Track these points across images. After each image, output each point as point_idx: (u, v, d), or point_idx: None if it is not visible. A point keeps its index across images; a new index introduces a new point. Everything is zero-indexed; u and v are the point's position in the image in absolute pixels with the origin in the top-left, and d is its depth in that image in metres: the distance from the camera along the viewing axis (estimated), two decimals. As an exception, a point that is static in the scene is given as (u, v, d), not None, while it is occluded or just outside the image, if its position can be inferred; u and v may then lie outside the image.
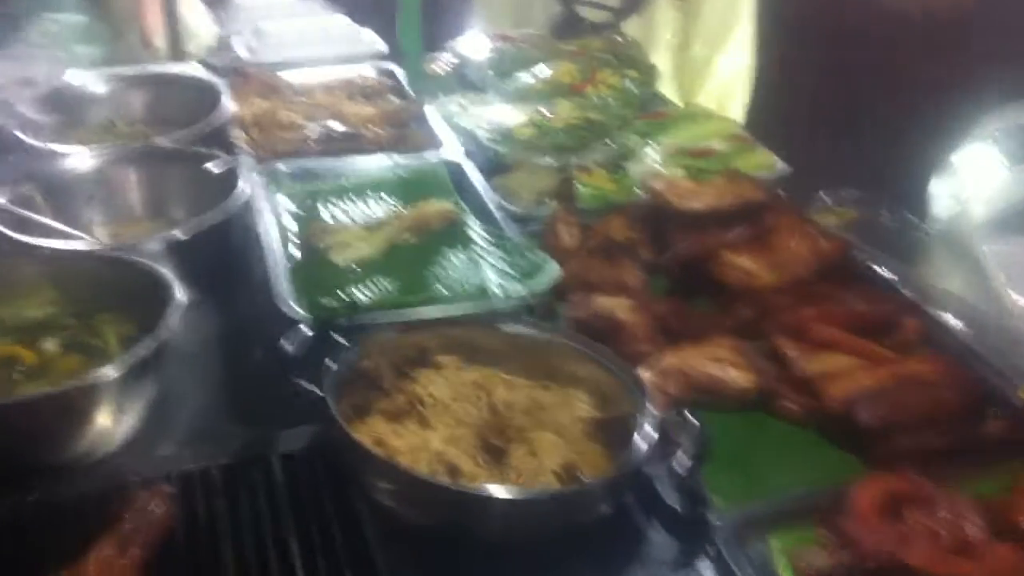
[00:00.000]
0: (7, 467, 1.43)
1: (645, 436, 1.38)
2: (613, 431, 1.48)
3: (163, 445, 1.57)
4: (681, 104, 3.08)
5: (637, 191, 2.29)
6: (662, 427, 1.45)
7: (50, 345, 1.63)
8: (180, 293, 1.68)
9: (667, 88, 3.26)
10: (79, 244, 1.90)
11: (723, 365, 1.65)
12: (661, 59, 3.30)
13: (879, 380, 1.58)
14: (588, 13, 3.25)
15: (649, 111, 2.79)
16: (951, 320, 1.85)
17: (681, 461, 1.36)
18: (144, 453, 1.55)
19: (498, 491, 1.27)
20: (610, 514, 1.37)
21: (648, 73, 3.02)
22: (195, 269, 1.85)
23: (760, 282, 1.90)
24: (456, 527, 1.30)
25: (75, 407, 1.45)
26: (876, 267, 2.00)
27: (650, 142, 2.54)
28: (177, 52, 4.14)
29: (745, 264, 1.91)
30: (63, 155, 2.19)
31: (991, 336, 1.80)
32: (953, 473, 1.45)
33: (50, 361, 1.61)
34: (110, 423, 1.50)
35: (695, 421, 1.40)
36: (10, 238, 1.83)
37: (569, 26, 3.28)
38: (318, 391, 1.37)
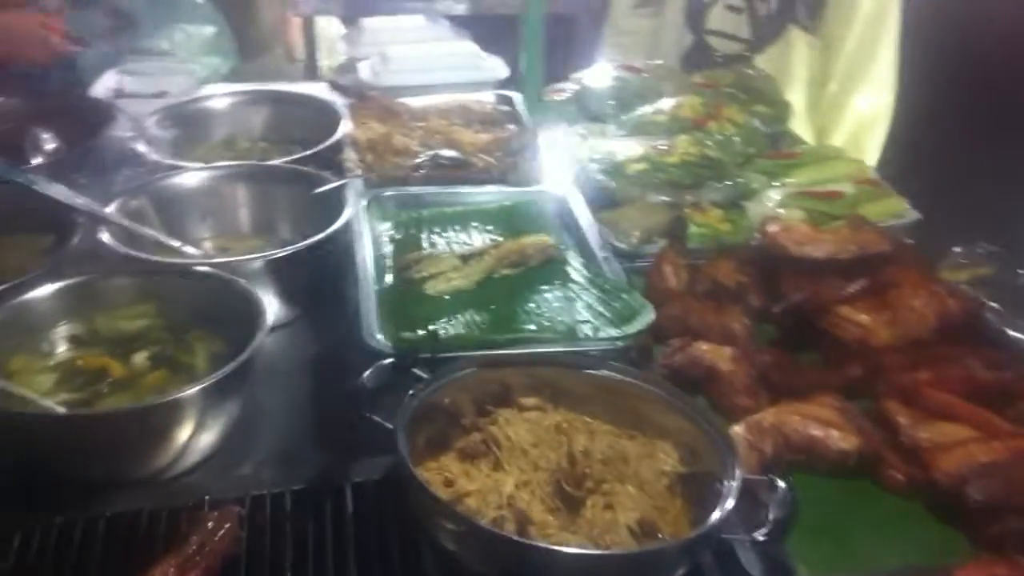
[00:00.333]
0: (84, 479, 1.47)
1: (728, 497, 1.32)
2: (698, 488, 1.43)
3: (241, 466, 1.60)
4: (814, 144, 3.00)
5: (754, 233, 2.23)
6: (749, 489, 1.39)
7: (140, 359, 1.68)
8: (269, 316, 1.72)
9: (801, 126, 3.18)
10: (180, 260, 1.95)
11: (825, 426, 1.58)
12: (795, 95, 3.22)
13: (995, 455, 1.48)
14: (719, 44, 3.19)
15: (777, 150, 2.72)
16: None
17: (765, 527, 1.30)
18: (221, 472, 1.58)
19: (559, 547, 1.24)
20: (685, 577, 1.32)
21: (779, 110, 2.96)
22: (291, 289, 1.91)
23: (875, 339, 1.81)
24: (511, 576, 1.27)
25: (154, 423, 1.48)
26: (1008, 330, 1.89)
27: (774, 183, 2.47)
28: (312, 70, 4.29)
29: (861, 319, 1.82)
30: (177, 170, 2.26)
31: None
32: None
33: (138, 375, 1.66)
34: (189, 441, 1.53)
35: (783, 485, 1.33)
36: (116, 250, 1.89)
37: (700, 57, 3.23)
38: (389, 425, 1.36)
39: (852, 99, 3.12)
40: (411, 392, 1.43)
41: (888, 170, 3.00)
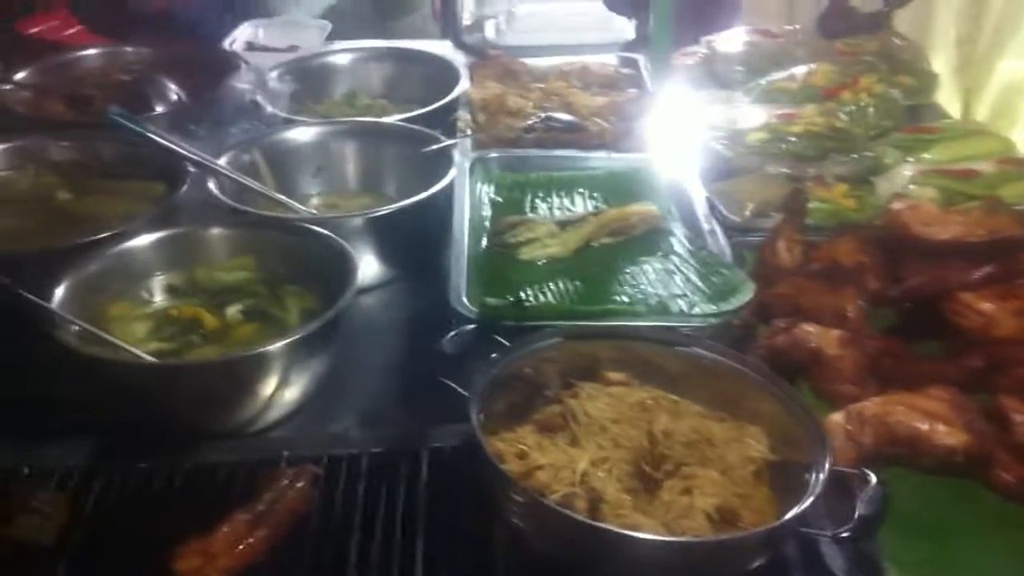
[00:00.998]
0: (168, 429, 1.51)
1: (814, 490, 1.26)
2: (787, 478, 1.37)
3: (324, 424, 1.62)
4: (959, 115, 2.84)
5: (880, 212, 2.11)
6: (841, 482, 1.33)
7: (233, 311, 1.71)
8: (364, 275, 1.73)
9: (945, 92, 3.00)
10: (280, 214, 1.98)
11: (932, 419, 1.49)
12: (940, 57, 3.02)
13: (1118, 463, 1.37)
14: (858, 2, 3.03)
15: (918, 124, 2.58)
16: None
17: (850, 523, 1.23)
18: (303, 430, 1.60)
19: (623, 530, 1.20)
20: (763, 570, 1.26)
21: (924, 81, 2.80)
22: (390, 250, 1.91)
23: (1000, 331, 1.69)
24: (583, 561, 1.24)
25: (237, 376, 1.51)
26: None
27: (909, 158, 2.35)
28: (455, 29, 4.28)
29: (984, 307, 1.70)
30: (290, 125, 2.29)
31: None
32: None
33: (230, 327, 1.69)
34: (272, 396, 1.55)
35: (875, 480, 1.26)
36: (222, 202, 1.92)
37: (838, 18, 3.07)
38: (465, 392, 1.35)
39: (1000, 62, 2.91)
40: (490, 359, 1.41)
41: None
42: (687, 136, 2.33)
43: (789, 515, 1.22)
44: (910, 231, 1.88)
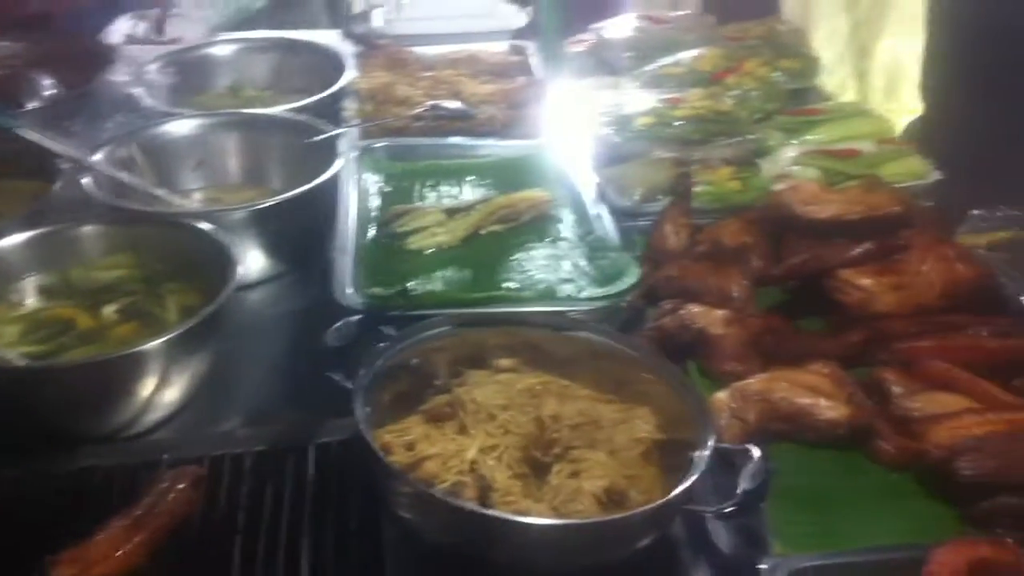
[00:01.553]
0: (43, 434, 1.46)
1: (698, 467, 1.28)
2: (675, 457, 1.38)
3: (207, 424, 1.59)
4: (851, 97, 2.90)
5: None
6: (728, 459, 1.35)
7: (109, 311, 1.67)
8: (251, 269, 1.70)
9: (837, 78, 3.07)
10: (159, 209, 1.93)
11: (814, 394, 1.52)
12: (828, 43, 3.09)
13: (990, 428, 1.42)
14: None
15: (801, 106, 2.63)
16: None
17: (737, 498, 1.25)
18: (185, 431, 1.56)
19: (510, 516, 1.20)
20: (651, 549, 1.28)
21: (806, 64, 2.86)
22: (276, 243, 1.88)
23: (879, 306, 1.74)
24: (473, 550, 1.24)
25: (113, 377, 1.47)
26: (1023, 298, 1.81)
27: (792, 140, 2.39)
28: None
29: (863, 283, 1.75)
30: (168, 117, 2.24)
31: None
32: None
33: (106, 327, 1.65)
34: (152, 397, 1.51)
35: (757, 455, 1.29)
36: (96, 198, 1.87)
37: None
38: (350, 385, 1.33)
39: (879, 44, 2.98)
40: (374, 351, 1.40)
41: (919, 126, 2.91)
42: (576, 122, 2.34)
43: (674, 493, 1.23)
44: (792, 211, 1.92)
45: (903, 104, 3.02)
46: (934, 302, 1.74)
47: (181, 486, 1.34)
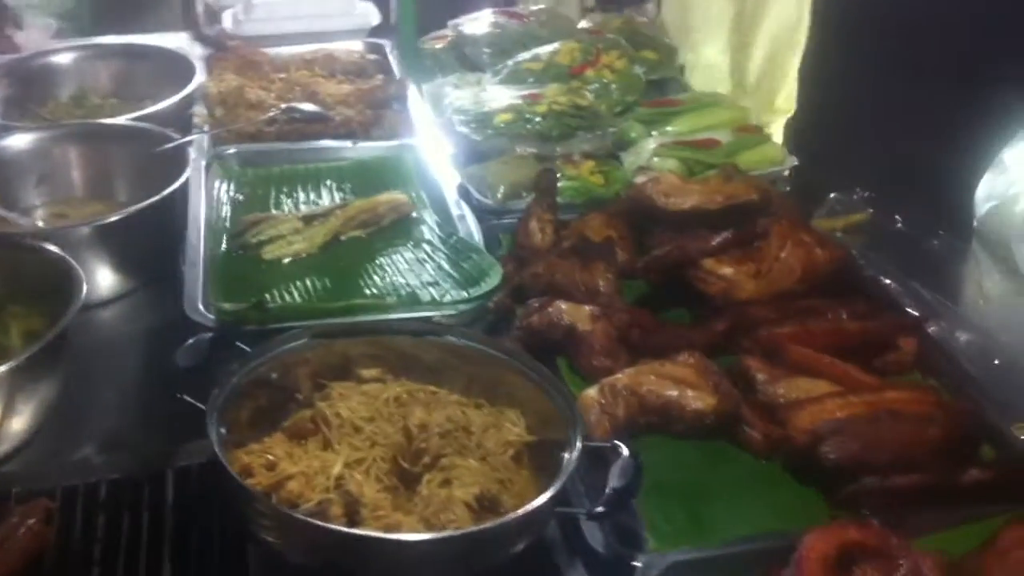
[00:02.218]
0: None
1: (566, 469, 1.27)
2: (546, 458, 1.37)
3: (58, 454, 1.51)
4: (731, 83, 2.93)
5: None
6: (599, 457, 1.35)
7: (-55, 339, 1.57)
8: (97, 288, 1.62)
9: (718, 66, 3.09)
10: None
11: (681, 386, 1.53)
12: (708, 32, 3.10)
13: (852, 410, 1.45)
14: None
15: (661, 98, 2.66)
16: (957, 341, 1.72)
17: (606, 496, 1.25)
18: (35, 462, 1.48)
19: (375, 533, 1.17)
20: (526, 554, 1.27)
21: (666, 54, 2.89)
22: (123, 259, 1.81)
23: (741, 293, 1.77)
24: (340, 570, 1.20)
25: (-50, 411, 1.38)
26: (882, 278, 1.87)
27: (653, 132, 2.42)
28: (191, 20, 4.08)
29: (724, 272, 1.78)
30: (6, 131, 2.13)
31: (998, 360, 1.68)
32: (925, 523, 1.33)
33: (-57, 357, 1.55)
34: (-5, 428, 1.43)
35: (625, 452, 1.29)
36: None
37: None
38: (201, 406, 1.28)
39: (758, 38, 3.01)
40: (228, 369, 1.35)
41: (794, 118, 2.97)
42: (435, 121, 2.31)
43: (544, 497, 1.22)
44: (654, 203, 1.94)
45: (781, 99, 3.07)
46: (794, 287, 1.78)
47: (31, 521, 1.28)
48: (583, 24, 3.04)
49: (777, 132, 3.00)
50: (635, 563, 1.26)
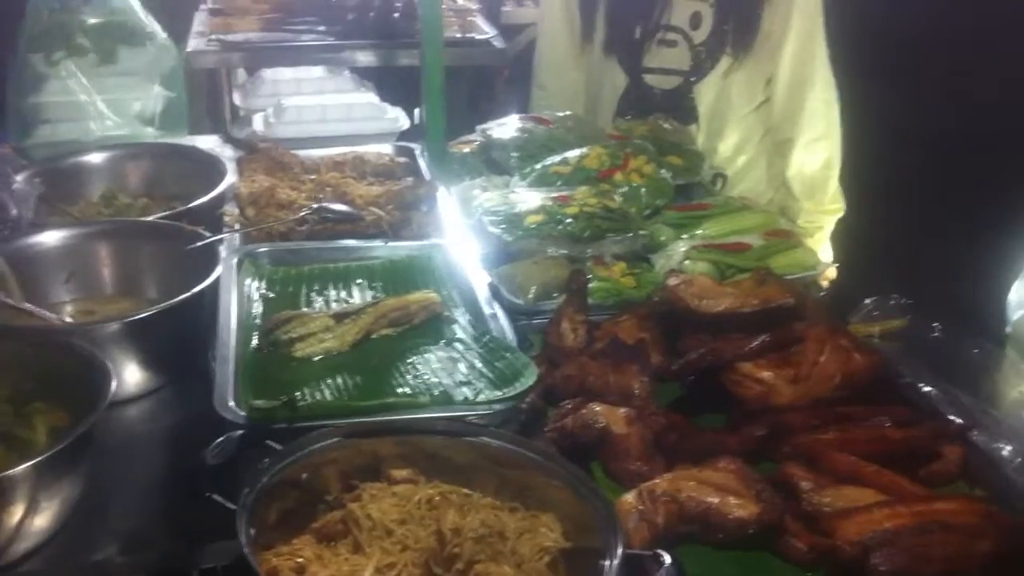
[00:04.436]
0: None
1: (610, 575, 1.23)
2: (582, 565, 1.33)
3: (81, 552, 1.48)
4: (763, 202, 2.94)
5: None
6: (638, 564, 1.30)
7: (-30, 435, 1.55)
8: (125, 384, 1.61)
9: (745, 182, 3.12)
10: (27, 324, 1.83)
11: (722, 492, 1.49)
12: (735, 129, 3.13)
13: (900, 521, 1.41)
14: (655, 81, 3.13)
15: (689, 202, 2.67)
16: (1001, 450, 1.68)
17: (649, 608, 1.21)
18: (57, 561, 1.45)
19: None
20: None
21: (692, 161, 2.91)
22: (152, 356, 1.80)
23: (779, 398, 1.74)
24: None
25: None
26: (921, 385, 1.84)
27: (683, 235, 2.42)
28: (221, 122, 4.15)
29: (762, 376, 1.75)
30: (37, 228, 2.14)
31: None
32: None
33: (-32, 453, 1.53)
34: (20, 525, 1.40)
35: (668, 561, 1.24)
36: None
37: (639, 100, 3.17)
38: (232, 505, 1.25)
39: (795, 144, 3.03)
40: (257, 468, 1.32)
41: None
42: (465, 223, 2.32)
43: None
44: (686, 305, 1.92)
45: (821, 206, 3.09)
46: (832, 393, 1.76)
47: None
48: (609, 130, 3.07)
49: (826, 233, 3.03)
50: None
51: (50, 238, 2.12)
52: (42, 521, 1.45)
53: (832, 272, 2.85)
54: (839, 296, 2.27)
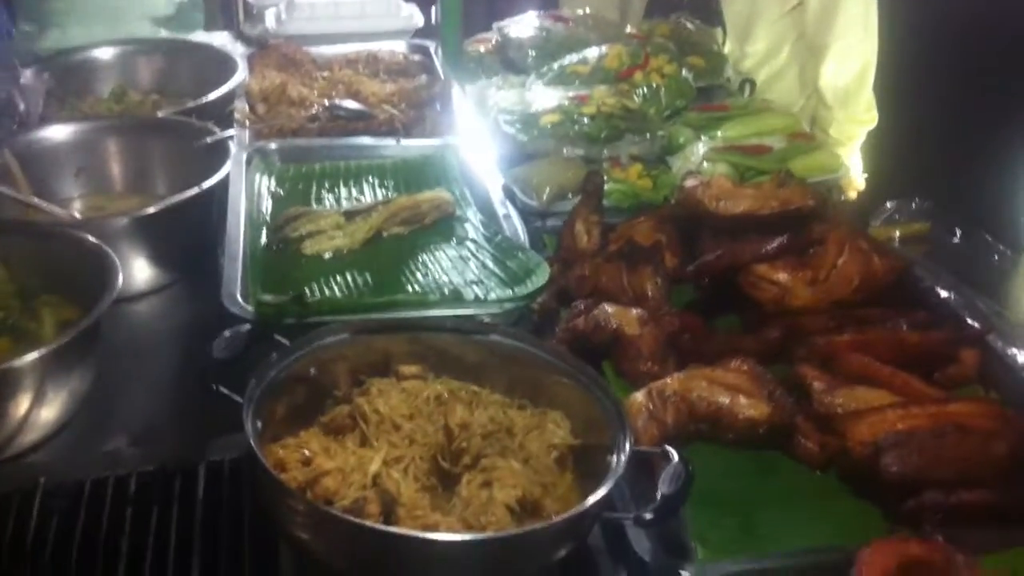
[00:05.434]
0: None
1: (614, 473, 1.23)
2: (590, 462, 1.33)
3: (90, 445, 1.49)
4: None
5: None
6: (646, 462, 1.30)
7: (-24, 327, 1.56)
8: (135, 279, 1.61)
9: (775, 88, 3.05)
10: (32, 218, 1.83)
11: (733, 393, 1.49)
12: (763, 37, 3.05)
13: (914, 422, 1.40)
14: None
15: (709, 102, 2.63)
16: (1018, 355, 1.66)
17: (656, 502, 1.20)
18: (64, 453, 1.46)
19: (416, 533, 1.14)
20: (569, 560, 1.22)
21: (714, 62, 2.86)
22: (162, 252, 1.79)
23: (795, 301, 1.72)
24: (377, 570, 1.17)
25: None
26: (940, 290, 1.81)
27: (702, 137, 2.38)
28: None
29: (779, 278, 1.73)
30: (46, 123, 2.13)
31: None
32: (990, 540, 1.28)
33: (-26, 345, 1.54)
34: (27, 416, 1.41)
35: (676, 458, 1.24)
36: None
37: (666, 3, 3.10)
38: (239, 398, 1.25)
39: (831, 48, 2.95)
40: (265, 362, 1.32)
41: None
42: (480, 122, 2.29)
43: (589, 502, 1.18)
44: (704, 207, 1.89)
45: (854, 116, 3.02)
46: (850, 296, 1.73)
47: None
48: (629, 29, 3.01)
49: (857, 144, 2.97)
50: (682, 572, 1.21)
51: (59, 133, 2.11)
52: (49, 413, 1.46)
53: (860, 182, 2.81)
54: (865, 204, 2.23)
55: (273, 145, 2.05)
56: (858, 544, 1.21)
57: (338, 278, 1.61)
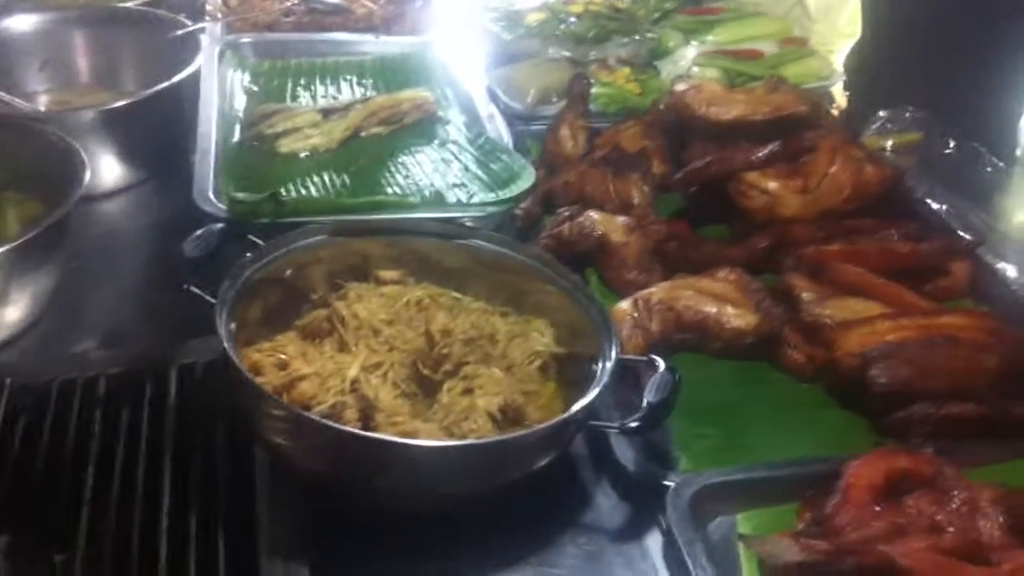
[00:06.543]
0: None
1: (598, 381, 1.20)
2: (574, 371, 1.31)
3: (56, 346, 1.45)
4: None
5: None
6: (631, 371, 1.28)
7: (-63, 224, 1.51)
8: (102, 176, 1.55)
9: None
10: (-3, 112, 1.77)
11: (720, 302, 1.46)
12: None
13: (904, 333, 1.38)
14: None
15: (698, 5, 2.56)
16: (1009, 268, 1.65)
17: (642, 411, 1.18)
18: (31, 354, 1.43)
19: (396, 438, 1.11)
20: (551, 469, 1.20)
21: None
22: (132, 149, 1.74)
23: (785, 209, 1.69)
24: (356, 476, 1.14)
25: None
26: (931, 202, 1.79)
27: (692, 41, 2.32)
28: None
29: (768, 186, 1.69)
30: (7, 12, 2.04)
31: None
32: (979, 454, 1.27)
33: (-65, 241, 1.48)
34: (-11, 316, 1.37)
35: (662, 366, 1.22)
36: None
37: None
38: (212, 300, 1.21)
39: None
40: (239, 262, 1.28)
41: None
42: (463, 18, 2.22)
43: (574, 409, 1.16)
44: (694, 112, 1.85)
45: (835, 29, 2.94)
46: (841, 206, 1.70)
47: None
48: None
49: (839, 56, 2.90)
50: (666, 483, 1.20)
51: (22, 23, 2.03)
52: (15, 313, 1.42)
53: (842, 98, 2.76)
54: (851, 115, 2.19)
55: (246, 39, 1.98)
56: (846, 456, 1.20)
57: (315, 178, 1.56)
